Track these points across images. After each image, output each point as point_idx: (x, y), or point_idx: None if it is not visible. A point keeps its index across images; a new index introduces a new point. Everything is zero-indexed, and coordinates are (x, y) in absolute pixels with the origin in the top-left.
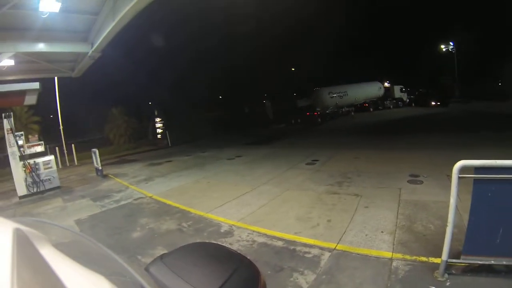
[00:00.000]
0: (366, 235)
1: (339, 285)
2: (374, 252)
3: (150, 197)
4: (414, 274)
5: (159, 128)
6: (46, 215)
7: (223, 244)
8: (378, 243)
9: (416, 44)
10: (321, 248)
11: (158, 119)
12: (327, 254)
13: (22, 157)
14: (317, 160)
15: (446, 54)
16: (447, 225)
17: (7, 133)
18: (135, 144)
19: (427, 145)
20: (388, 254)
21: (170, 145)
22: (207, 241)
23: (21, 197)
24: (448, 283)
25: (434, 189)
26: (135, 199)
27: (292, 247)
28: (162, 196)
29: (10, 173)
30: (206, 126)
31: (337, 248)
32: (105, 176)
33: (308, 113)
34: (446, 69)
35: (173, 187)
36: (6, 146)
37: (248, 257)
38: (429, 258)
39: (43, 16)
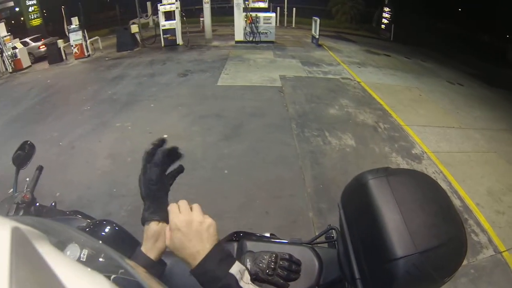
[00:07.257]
0: None
1: None
2: None
3: (358, 82)
4: None
5: (385, 18)
6: (255, 62)
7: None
8: None
9: None
10: (490, 241)
11: (386, 9)
12: (490, 251)
13: (246, 9)
14: None
15: None
16: None
17: None
18: (356, 26)
19: None
20: None
21: (391, 39)
22: (396, 156)
23: (237, 42)
24: None
25: None
26: (343, 78)
27: (466, 216)
28: (370, 86)
29: (233, 21)
30: (434, 34)
31: (503, 254)
32: (319, 46)
33: None
34: None
35: (384, 83)
36: None
37: None
38: None
39: None
